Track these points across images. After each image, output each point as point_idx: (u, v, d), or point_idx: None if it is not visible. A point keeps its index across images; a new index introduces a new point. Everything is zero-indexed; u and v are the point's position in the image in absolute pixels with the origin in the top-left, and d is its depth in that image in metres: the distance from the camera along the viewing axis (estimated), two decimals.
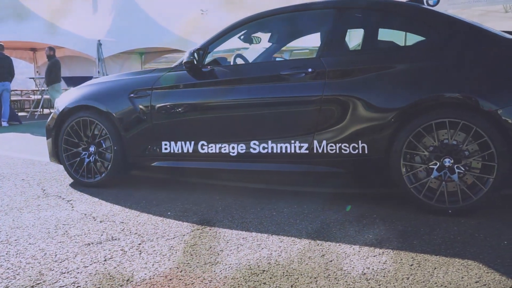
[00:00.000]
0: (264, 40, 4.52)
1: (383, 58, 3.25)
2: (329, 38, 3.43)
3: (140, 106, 3.83)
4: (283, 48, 5.83)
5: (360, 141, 3.19)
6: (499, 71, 2.95)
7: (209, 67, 3.72)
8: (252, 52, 4.61)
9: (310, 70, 3.33)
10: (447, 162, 3.00)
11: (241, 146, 3.54)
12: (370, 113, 3.15)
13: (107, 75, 16.21)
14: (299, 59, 3.64)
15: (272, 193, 3.72)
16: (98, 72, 15.62)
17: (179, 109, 3.71)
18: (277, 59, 4.65)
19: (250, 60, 4.34)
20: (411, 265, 2.28)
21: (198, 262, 2.37)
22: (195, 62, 3.63)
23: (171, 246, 2.59)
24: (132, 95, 3.87)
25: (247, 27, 3.88)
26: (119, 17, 17.12)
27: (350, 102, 3.20)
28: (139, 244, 2.64)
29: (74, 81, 12.13)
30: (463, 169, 2.97)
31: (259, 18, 3.81)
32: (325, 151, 3.30)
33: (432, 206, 3.02)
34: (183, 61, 3.68)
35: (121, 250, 2.55)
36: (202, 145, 3.66)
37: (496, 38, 3.07)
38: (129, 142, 3.89)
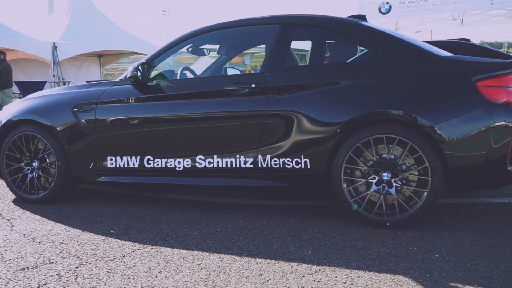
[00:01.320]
0: (213, 51, 4.53)
1: (325, 74, 3.31)
2: (273, 53, 3.46)
3: (84, 121, 3.76)
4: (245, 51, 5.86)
5: (302, 156, 3.25)
6: (433, 88, 3.05)
7: (154, 81, 3.69)
8: (201, 65, 4.61)
9: (253, 85, 3.36)
10: (385, 176, 3.09)
11: (187, 161, 3.54)
12: (312, 128, 3.21)
13: (63, 79, 15.83)
14: (243, 74, 3.65)
15: (220, 206, 3.73)
16: (54, 75, 15.21)
17: (124, 124, 3.66)
18: (228, 68, 4.66)
19: (198, 73, 4.34)
20: (345, 282, 2.34)
21: (134, 287, 2.35)
22: (140, 77, 3.60)
23: (110, 269, 2.56)
24: (75, 109, 3.80)
25: (194, 40, 3.87)
26: (76, 18, 16.73)
27: (293, 117, 3.25)
28: (77, 267, 2.59)
29: (26, 86, 11.76)
30: (400, 183, 3.06)
31: (206, 32, 3.81)
32: (269, 166, 3.34)
33: (371, 219, 3.10)
34: (127, 76, 3.65)
35: (57, 274, 2.50)
36: (148, 160, 3.63)
37: (431, 56, 3.18)
38: (74, 157, 3.81)
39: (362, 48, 3.60)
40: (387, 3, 9.12)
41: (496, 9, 8.43)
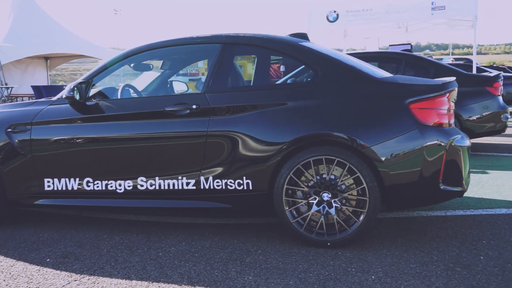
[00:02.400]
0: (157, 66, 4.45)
1: (267, 95, 3.32)
2: (214, 73, 3.44)
3: (19, 142, 3.61)
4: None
5: (244, 177, 3.25)
6: (370, 110, 3.13)
7: (93, 100, 3.59)
8: (144, 80, 4.52)
9: (194, 107, 3.33)
10: (326, 196, 3.14)
11: (128, 183, 3.46)
12: (254, 150, 3.21)
13: (6, 84, 15.14)
14: (184, 94, 3.59)
15: (164, 226, 3.67)
16: None
17: (62, 145, 3.54)
18: (174, 82, 4.60)
19: (141, 88, 4.26)
20: None
21: None
22: (77, 97, 3.49)
23: None
24: (9, 129, 3.64)
25: (135, 58, 3.80)
26: (19, 20, 16.03)
27: (235, 138, 3.25)
28: None
29: None
30: (339, 203, 3.12)
31: (148, 50, 3.75)
32: (211, 187, 3.32)
33: (312, 239, 3.15)
34: (63, 96, 3.53)
35: None
36: (88, 182, 3.53)
37: (368, 78, 3.26)
38: (9, 180, 3.65)
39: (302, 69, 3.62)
40: (335, 11, 9.30)
41: (437, 19, 8.78)
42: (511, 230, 3.41)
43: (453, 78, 3.37)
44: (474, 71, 8.85)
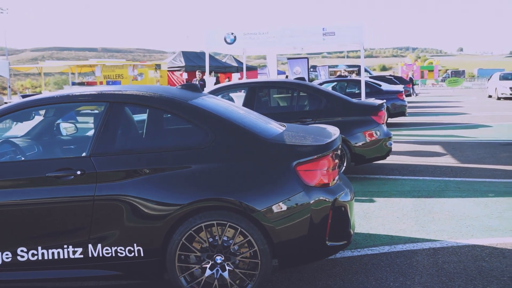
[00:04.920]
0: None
1: (156, 158, 3.23)
2: (100, 135, 3.29)
3: None
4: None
5: (135, 244, 3.15)
6: (259, 172, 3.18)
7: None
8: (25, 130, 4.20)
9: (79, 172, 3.15)
10: (219, 259, 3.14)
11: (6, 254, 3.20)
12: (144, 216, 3.12)
13: None
14: (68, 158, 3.33)
15: None
16: None
17: None
18: (61, 124, 4.34)
19: (22, 134, 3.96)
20: None
21: None
22: None
23: None
24: None
25: (13, 116, 3.53)
26: None
27: (123, 204, 3.13)
28: None
29: None
30: (232, 266, 3.14)
31: (29, 107, 3.50)
32: (100, 255, 3.18)
33: None
34: None
35: None
36: None
37: (258, 139, 3.27)
38: None
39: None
40: (232, 33, 9.39)
41: (328, 44, 9.24)
42: (392, 273, 3.67)
43: (337, 135, 3.55)
44: (363, 97, 9.44)
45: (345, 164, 6.67)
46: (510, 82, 23.63)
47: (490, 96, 25.77)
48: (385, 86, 14.90)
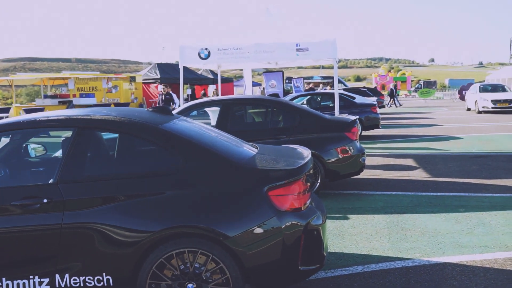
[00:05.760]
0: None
1: (125, 185, 3.17)
2: (68, 161, 3.22)
3: None
4: None
5: (104, 273, 3.08)
6: (231, 198, 3.15)
7: None
8: None
9: (45, 201, 3.08)
10: (190, 287, 3.09)
11: None
12: (113, 244, 3.06)
13: None
14: (34, 186, 3.22)
15: None
16: None
17: None
18: (29, 146, 4.22)
19: None
20: None
21: None
22: None
23: None
24: None
25: None
26: None
27: (92, 232, 3.06)
28: None
29: None
30: None
31: None
32: (68, 285, 3.10)
33: None
34: None
35: None
36: None
37: (229, 163, 3.25)
38: None
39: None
40: (206, 49, 9.39)
41: (302, 59, 9.33)
42: None
43: (308, 157, 3.56)
44: (337, 111, 9.52)
45: (319, 181, 6.70)
46: (491, 94, 21.49)
47: (469, 109, 23.48)
48: (358, 99, 15.08)
